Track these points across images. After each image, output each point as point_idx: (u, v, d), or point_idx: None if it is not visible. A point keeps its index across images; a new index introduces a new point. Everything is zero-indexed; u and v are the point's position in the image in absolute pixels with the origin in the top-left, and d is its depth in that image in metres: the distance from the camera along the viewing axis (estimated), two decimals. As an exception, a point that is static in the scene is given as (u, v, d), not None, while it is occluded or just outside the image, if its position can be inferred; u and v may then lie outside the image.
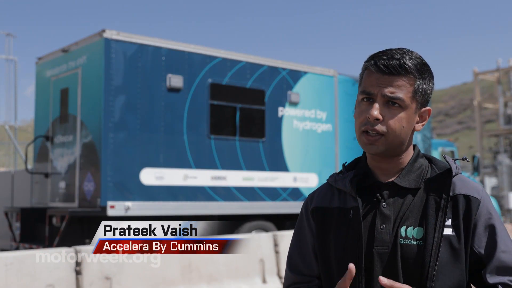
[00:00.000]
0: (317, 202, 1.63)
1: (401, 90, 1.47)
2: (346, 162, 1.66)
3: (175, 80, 8.37)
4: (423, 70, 1.50)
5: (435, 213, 1.46)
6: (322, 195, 1.64)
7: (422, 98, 1.51)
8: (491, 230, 1.48)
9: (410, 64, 1.47)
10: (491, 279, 1.46)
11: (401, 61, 1.46)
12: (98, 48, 8.00)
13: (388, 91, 1.46)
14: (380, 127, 1.47)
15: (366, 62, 1.52)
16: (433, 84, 1.55)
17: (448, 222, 1.47)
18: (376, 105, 1.46)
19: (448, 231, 1.46)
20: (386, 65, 1.46)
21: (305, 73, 9.88)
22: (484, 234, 1.47)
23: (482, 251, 1.47)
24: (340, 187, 1.59)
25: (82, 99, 8.30)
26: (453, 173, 1.50)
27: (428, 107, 1.56)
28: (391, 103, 1.47)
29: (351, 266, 1.38)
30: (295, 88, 9.68)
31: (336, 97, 10.24)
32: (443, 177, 1.51)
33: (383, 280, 1.38)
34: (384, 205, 1.51)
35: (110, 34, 7.91)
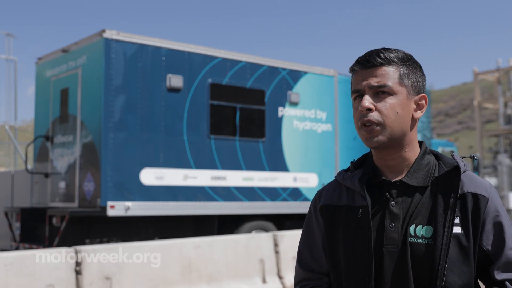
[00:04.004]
0: (325, 199, 1.64)
1: (386, 78, 1.50)
2: (354, 160, 1.67)
3: (175, 80, 8.37)
4: (405, 59, 1.54)
5: (444, 212, 1.47)
6: (330, 192, 1.65)
7: (412, 85, 1.53)
8: (499, 228, 1.49)
9: (390, 54, 1.52)
10: (499, 275, 1.47)
11: (381, 53, 1.52)
12: (98, 48, 8.00)
13: (373, 81, 1.50)
14: (374, 116, 1.49)
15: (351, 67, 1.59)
16: (423, 74, 1.57)
17: (457, 221, 1.48)
18: (366, 97, 1.50)
19: (457, 230, 1.47)
20: (367, 59, 1.52)
21: (305, 73, 9.88)
22: (492, 232, 1.49)
23: (490, 248, 1.49)
24: (349, 185, 1.60)
25: (82, 99, 8.31)
26: (461, 171, 1.51)
27: (423, 94, 1.57)
28: (380, 93, 1.50)
29: None
30: (295, 88, 9.68)
31: (336, 97, 10.24)
32: (451, 175, 1.52)
33: None
34: (393, 204, 1.52)
35: (110, 34, 7.91)
